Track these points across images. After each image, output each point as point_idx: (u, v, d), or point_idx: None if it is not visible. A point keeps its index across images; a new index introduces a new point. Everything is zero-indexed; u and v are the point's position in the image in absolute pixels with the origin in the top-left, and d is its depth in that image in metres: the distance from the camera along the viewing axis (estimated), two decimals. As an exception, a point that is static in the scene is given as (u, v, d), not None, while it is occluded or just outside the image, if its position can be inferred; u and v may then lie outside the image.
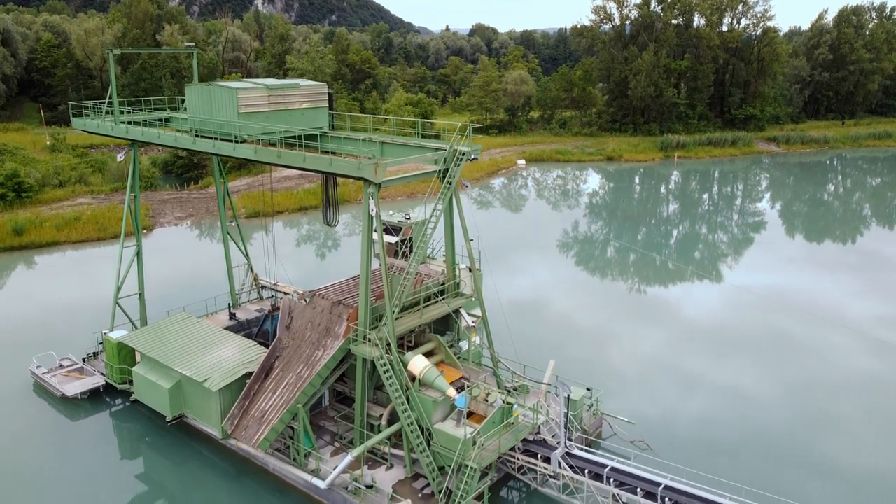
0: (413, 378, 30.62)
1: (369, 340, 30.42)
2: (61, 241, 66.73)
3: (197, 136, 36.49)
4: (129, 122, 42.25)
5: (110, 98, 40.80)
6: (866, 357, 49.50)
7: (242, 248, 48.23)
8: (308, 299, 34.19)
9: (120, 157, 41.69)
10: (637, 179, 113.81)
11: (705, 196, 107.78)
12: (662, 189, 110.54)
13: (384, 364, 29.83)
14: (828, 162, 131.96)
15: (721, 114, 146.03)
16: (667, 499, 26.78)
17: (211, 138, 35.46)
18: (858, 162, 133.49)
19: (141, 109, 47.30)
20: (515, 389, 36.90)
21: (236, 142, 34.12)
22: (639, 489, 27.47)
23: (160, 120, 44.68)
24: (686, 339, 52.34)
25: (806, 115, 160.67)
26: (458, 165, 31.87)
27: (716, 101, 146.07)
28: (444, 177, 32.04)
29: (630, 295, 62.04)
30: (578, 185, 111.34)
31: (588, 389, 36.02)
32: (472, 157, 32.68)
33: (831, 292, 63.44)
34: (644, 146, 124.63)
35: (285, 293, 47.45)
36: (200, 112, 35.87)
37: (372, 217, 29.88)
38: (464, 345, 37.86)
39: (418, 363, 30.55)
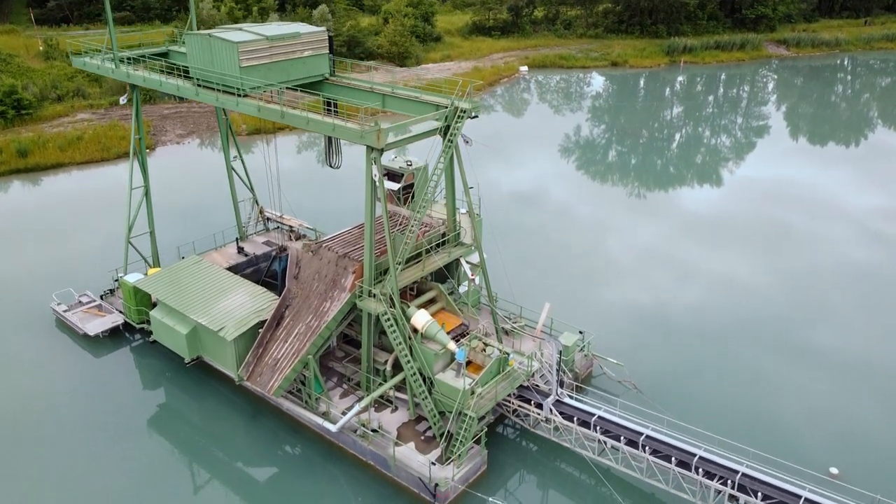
0: (415, 330, 32.56)
1: (374, 296, 32.15)
2: (66, 162, 67.27)
3: (199, 85, 36.66)
4: (129, 59, 42.15)
5: (109, 42, 40.53)
6: (862, 248, 51.97)
7: (247, 182, 49.10)
8: (314, 251, 35.61)
9: (122, 100, 41.86)
10: (641, 83, 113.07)
11: (710, 99, 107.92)
12: (667, 92, 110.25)
13: (388, 319, 31.72)
14: (838, 63, 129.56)
15: (731, 13, 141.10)
16: (647, 447, 29.37)
17: (213, 89, 35.68)
18: (870, 62, 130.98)
19: (139, 44, 46.95)
20: (515, 329, 39.12)
21: (239, 96, 34.43)
22: (622, 437, 30.03)
23: (158, 55, 44.46)
24: (684, 232, 55.75)
25: (819, 14, 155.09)
26: (460, 123, 32.32)
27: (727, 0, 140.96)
28: (445, 134, 32.55)
29: (630, 195, 66.39)
30: (582, 87, 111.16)
31: (581, 333, 38.17)
32: (473, 115, 33.05)
33: (831, 185, 66.48)
34: (650, 50, 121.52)
35: (290, 227, 48.86)
36: (201, 62, 35.84)
37: (374, 182, 30.70)
38: (463, 287, 39.76)
39: (420, 318, 32.38)
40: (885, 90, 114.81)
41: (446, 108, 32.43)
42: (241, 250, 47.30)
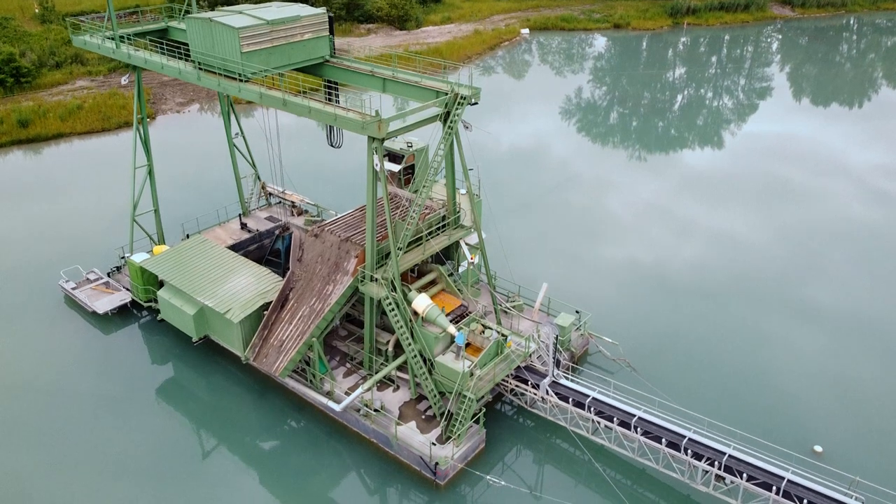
0: (416, 314, 33.50)
1: (375, 280, 33.02)
2: (67, 132, 67.37)
3: (201, 69, 36.88)
4: (129, 38, 42.27)
5: (109, 18, 40.58)
6: (863, 205, 53.40)
7: (249, 158, 49.50)
8: (317, 234, 36.32)
9: (124, 80, 42.08)
10: (644, 45, 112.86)
11: (713, 60, 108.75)
12: (669, 54, 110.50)
13: (390, 303, 32.66)
14: (844, 23, 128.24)
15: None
16: (639, 428, 30.60)
17: (216, 73, 35.94)
18: (876, 21, 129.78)
19: (136, 6, 46.86)
20: (510, 310, 40.13)
21: (241, 81, 34.71)
22: (615, 418, 31.24)
23: (157, 31, 44.62)
24: (684, 191, 58.05)
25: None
26: (460, 109, 32.62)
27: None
28: (445, 120, 32.88)
29: (630, 157, 67.95)
30: (584, 49, 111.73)
31: (577, 312, 39.17)
32: (473, 101, 33.31)
33: (834, 143, 68.19)
34: (653, 12, 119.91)
35: (293, 202, 49.49)
36: (202, 46, 36.00)
37: (376, 171, 31.23)
38: (463, 266, 40.59)
39: (421, 302, 33.28)
40: (891, 50, 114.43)
41: (446, 94, 32.66)
42: (244, 226, 48.02)
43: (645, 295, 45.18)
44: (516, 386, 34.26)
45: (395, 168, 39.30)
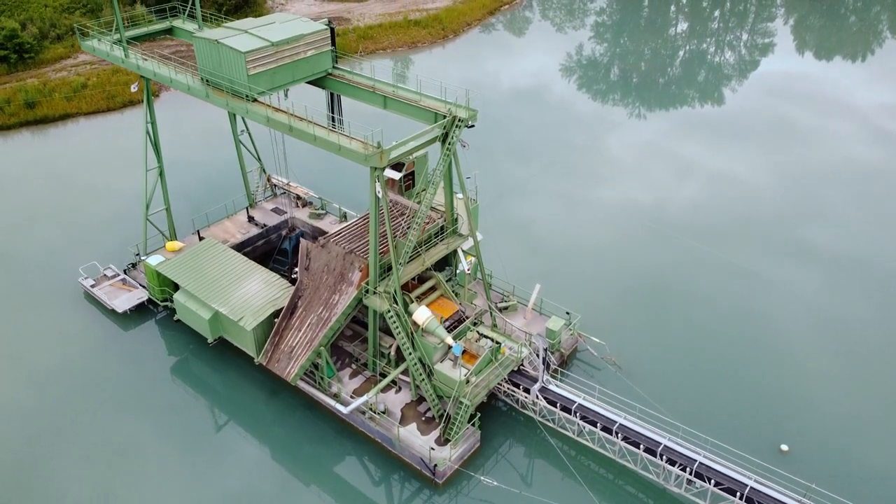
0: (416, 325, 36.01)
1: (378, 294, 35.39)
2: (73, 112, 68.47)
3: (208, 85, 38.28)
4: (135, 40, 43.56)
5: (117, 28, 41.73)
6: (864, 145, 55.34)
7: (255, 152, 51.11)
8: (323, 245, 38.48)
9: (133, 88, 43.43)
10: (646, 2, 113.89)
11: (716, 14, 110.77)
12: (672, 9, 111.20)
13: (392, 316, 35.13)
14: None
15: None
16: (619, 434, 33.53)
17: (223, 91, 37.40)
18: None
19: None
20: (505, 309, 42.65)
21: (248, 100, 36.24)
22: (598, 423, 34.15)
23: (163, 31, 45.80)
24: (686, 128, 59.64)
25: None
26: (458, 131, 34.28)
27: None
28: (444, 141, 34.57)
29: (630, 114, 70.56)
30: (585, 4, 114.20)
31: (567, 313, 41.69)
32: (471, 124, 34.93)
33: (839, 80, 69.24)
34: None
35: (297, 195, 51.36)
36: (209, 65, 37.34)
37: (378, 198, 33.17)
38: (460, 267, 42.84)
39: (422, 314, 35.72)
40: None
41: (445, 116, 34.23)
42: (251, 219, 50.08)
43: (656, 172, 48.37)
44: (509, 389, 37.08)
45: (396, 176, 41.07)
